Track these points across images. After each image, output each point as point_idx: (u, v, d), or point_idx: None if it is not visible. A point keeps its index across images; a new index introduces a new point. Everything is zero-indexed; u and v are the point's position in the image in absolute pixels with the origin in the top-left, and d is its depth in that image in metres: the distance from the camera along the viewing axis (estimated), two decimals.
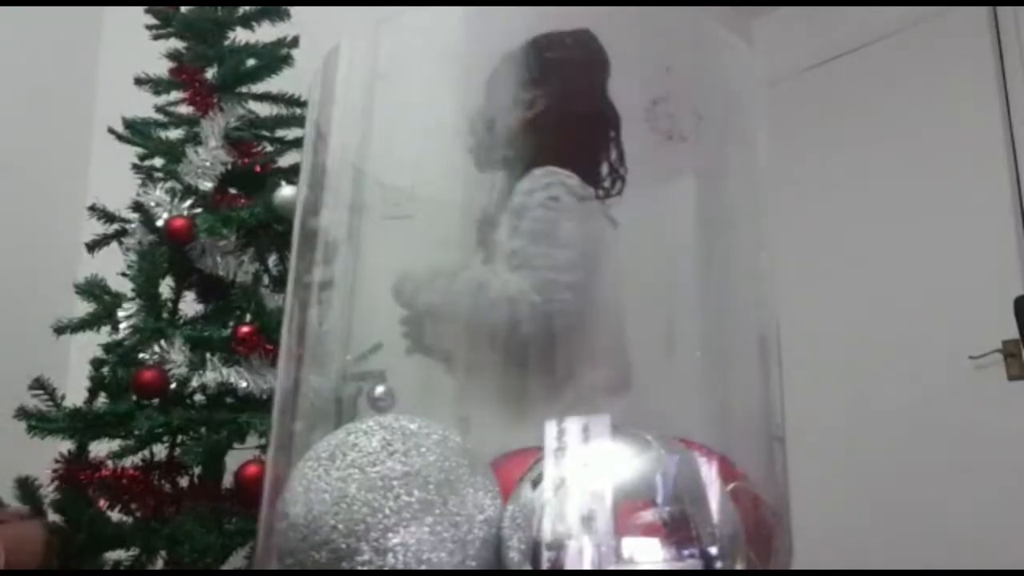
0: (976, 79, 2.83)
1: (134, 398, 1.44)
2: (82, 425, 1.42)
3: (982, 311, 2.59)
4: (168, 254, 1.52)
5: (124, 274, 1.55)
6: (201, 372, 1.42)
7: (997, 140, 2.78)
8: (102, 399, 1.50)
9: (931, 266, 2.77)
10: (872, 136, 3.03)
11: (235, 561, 1.38)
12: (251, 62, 1.70)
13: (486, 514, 0.82)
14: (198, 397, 1.47)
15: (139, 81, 1.74)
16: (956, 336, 2.66)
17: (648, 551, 0.26)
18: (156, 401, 1.43)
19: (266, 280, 1.60)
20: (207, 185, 1.58)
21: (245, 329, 1.46)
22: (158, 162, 1.69)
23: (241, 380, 1.42)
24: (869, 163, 3.01)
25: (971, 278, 2.66)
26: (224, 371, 1.43)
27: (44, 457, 1.50)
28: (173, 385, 1.41)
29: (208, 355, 1.44)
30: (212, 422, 1.41)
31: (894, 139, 2.97)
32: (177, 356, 1.42)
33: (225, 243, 1.54)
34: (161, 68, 1.76)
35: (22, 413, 1.45)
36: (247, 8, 1.75)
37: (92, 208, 1.64)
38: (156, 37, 1.77)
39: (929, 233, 2.80)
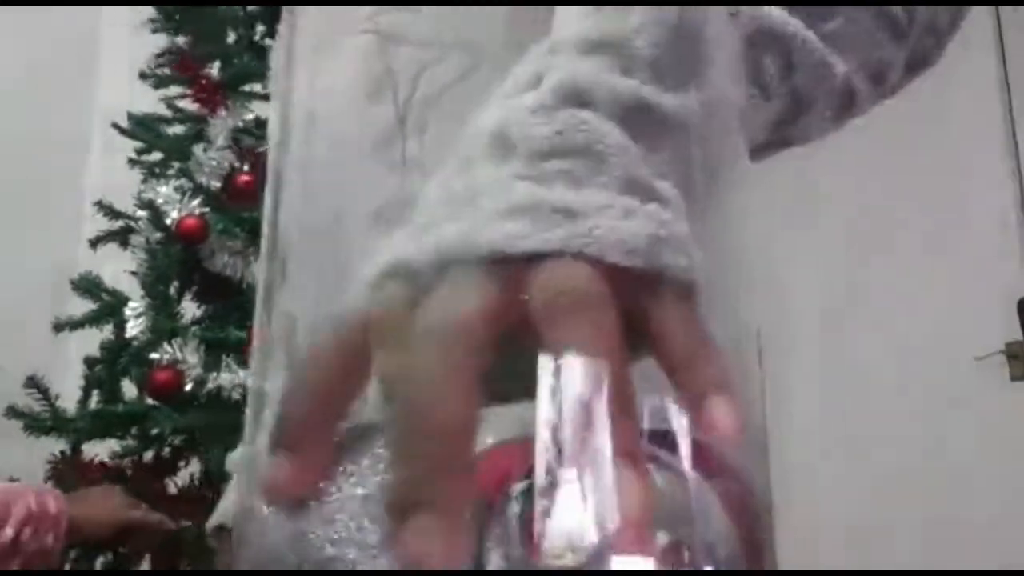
0: (978, 79, 2.82)
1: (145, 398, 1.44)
2: (101, 425, 1.42)
3: (986, 312, 2.58)
4: (178, 253, 1.51)
5: (134, 272, 1.54)
6: (216, 373, 1.42)
7: (999, 140, 2.78)
8: (96, 398, 1.50)
9: (934, 267, 2.76)
10: (872, 136, 3.01)
11: None
12: (255, 63, 1.69)
13: None
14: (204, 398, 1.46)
15: (143, 75, 1.73)
16: (959, 337, 2.65)
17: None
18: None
19: None
20: (216, 184, 1.57)
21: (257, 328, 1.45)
22: (155, 156, 1.68)
23: None
24: (869, 163, 3.00)
25: (975, 279, 2.65)
26: (241, 373, 1.42)
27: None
28: (189, 386, 1.41)
29: (224, 356, 1.43)
30: (228, 424, 1.40)
31: (894, 139, 2.96)
32: (191, 357, 1.42)
33: (234, 243, 1.53)
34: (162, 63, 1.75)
35: (17, 413, 1.45)
36: (252, 8, 1.73)
37: (99, 204, 1.63)
38: (155, 31, 1.76)
39: (931, 233, 2.79)
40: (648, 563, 0.26)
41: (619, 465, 0.27)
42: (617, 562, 0.26)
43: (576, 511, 0.25)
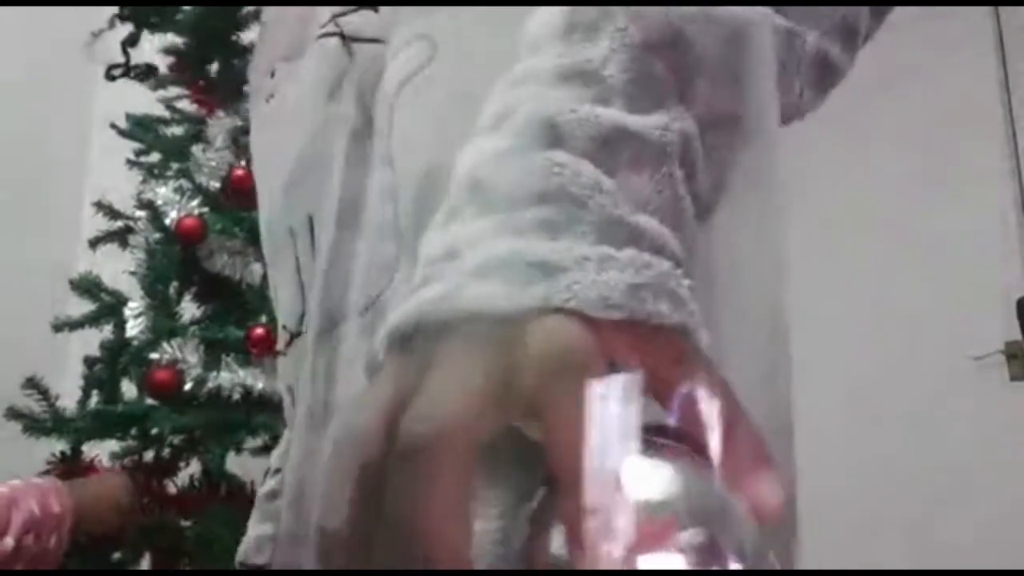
0: (978, 78, 2.82)
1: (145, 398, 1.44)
2: (101, 425, 1.42)
3: (985, 312, 2.58)
4: (177, 254, 1.51)
5: (133, 272, 1.54)
6: (216, 373, 1.41)
7: (999, 140, 2.77)
8: (95, 398, 1.50)
9: (933, 266, 2.76)
10: (873, 135, 3.02)
11: None
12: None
13: None
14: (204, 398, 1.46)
15: (142, 76, 1.73)
16: (958, 337, 2.65)
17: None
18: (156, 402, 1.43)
19: None
20: (215, 185, 1.57)
21: (260, 331, 1.45)
22: (155, 157, 1.68)
23: (257, 381, 1.41)
24: (870, 162, 3.00)
25: (974, 279, 2.65)
26: (241, 372, 1.42)
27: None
28: (189, 385, 1.40)
29: (224, 356, 1.43)
30: (228, 424, 1.40)
31: (895, 138, 2.96)
32: (190, 356, 1.42)
33: (233, 243, 1.53)
34: (162, 64, 1.75)
35: (17, 414, 1.45)
36: (251, 9, 1.73)
37: (98, 204, 1.63)
38: (154, 31, 1.76)
39: (931, 233, 2.80)
40: (678, 560, 0.27)
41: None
42: (646, 560, 0.26)
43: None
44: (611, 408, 0.28)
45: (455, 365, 0.29)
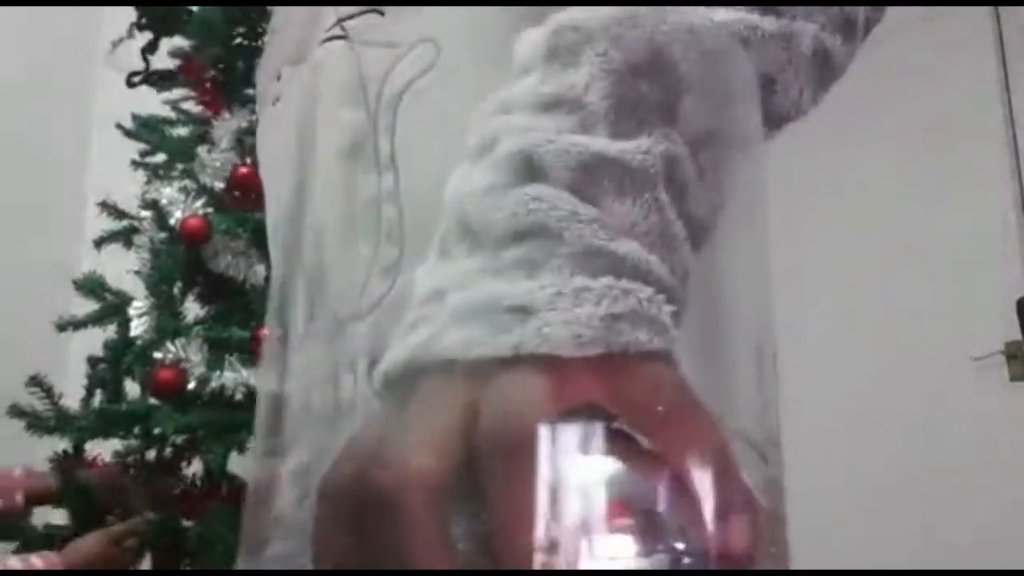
0: (977, 79, 2.82)
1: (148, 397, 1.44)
2: (104, 424, 1.43)
3: (985, 312, 2.59)
4: (182, 254, 1.51)
5: (137, 272, 1.55)
6: (219, 373, 1.42)
7: (999, 140, 2.78)
8: (99, 397, 1.51)
9: (933, 266, 2.76)
10: (872, 135, 3.02)
11: None
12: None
13: None
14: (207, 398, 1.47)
15: (161, 82, 1.73)
16: (958, 337, 2.65)
17: (620, 549, 0.26)
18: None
19: None
20: (219, 185, 1.57)
21: (266, 331, 1.44)
22: (160, 158, 1.69)
23: None
24: (869, 163, 3.00)
25: (974, 279, 2.66)
26: (244, 372, 1.42)
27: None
28: (192, 385, 1.41)
29: (227, 356, 1.43)
30: (231, 424, 1.41)
31: (894, 138, 2.96)
32: (194, 356, 1.42)
33: (237, 244, 1.53)
34: (162, 63, 1.75)
35: (20, 412, 1.46)
36: (256, 9, 1.73)
37: (103, 204, 1.63)
38: (172, 35, 1.76)
39: (930, 233, 2.80)
40: (626, 539, 0.27)
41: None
42: (598, 542, 0.27)
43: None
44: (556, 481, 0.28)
45: (422, 416, 0.30)
